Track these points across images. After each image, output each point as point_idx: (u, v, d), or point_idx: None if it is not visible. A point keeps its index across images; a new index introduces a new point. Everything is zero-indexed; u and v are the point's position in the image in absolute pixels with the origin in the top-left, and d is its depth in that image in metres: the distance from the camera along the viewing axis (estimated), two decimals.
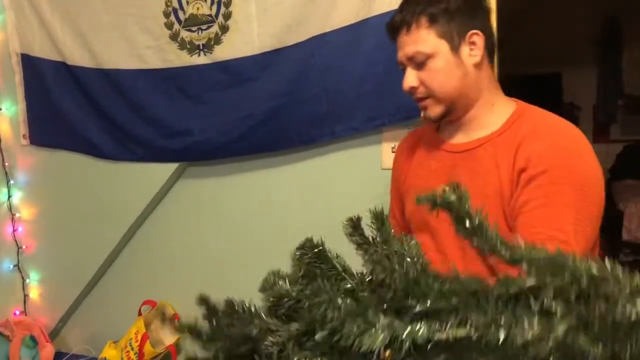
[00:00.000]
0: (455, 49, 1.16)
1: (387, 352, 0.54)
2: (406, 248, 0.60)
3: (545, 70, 5.03)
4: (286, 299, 0.63)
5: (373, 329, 0.52)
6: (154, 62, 2.05)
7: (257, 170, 2.08)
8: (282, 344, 0.60)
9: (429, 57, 1.16)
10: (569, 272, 0.53)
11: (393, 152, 1.81)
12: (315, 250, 0.69)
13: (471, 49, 1.17)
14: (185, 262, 2.24)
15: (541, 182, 1.08)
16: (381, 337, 0.51)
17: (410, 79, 1.19)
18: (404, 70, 1.22)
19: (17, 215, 2.43)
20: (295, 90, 1.85)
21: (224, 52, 1.94)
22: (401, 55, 1.20)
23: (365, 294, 0.60)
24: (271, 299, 0.64)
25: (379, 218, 0.67)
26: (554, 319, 0.47)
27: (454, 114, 1.22)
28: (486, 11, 1.23)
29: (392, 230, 0.64)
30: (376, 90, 1.77)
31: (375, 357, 0.51)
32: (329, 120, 1.86)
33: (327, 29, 1.78)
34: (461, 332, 0.49)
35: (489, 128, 1.20)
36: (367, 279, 0.61)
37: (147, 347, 2.06)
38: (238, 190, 2.12)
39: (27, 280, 2.47)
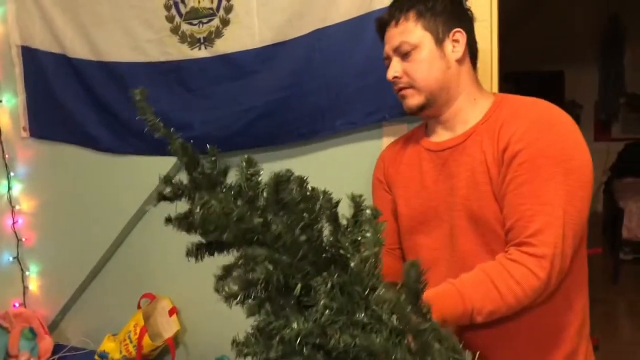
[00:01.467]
0: (439, 42, 1.22)
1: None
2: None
3: (548, 68, 5.03)
4: None
5: None
6: (155, 55, 2.05)
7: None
8: None
9: (414, 47, 1.22)
10: None
11: None
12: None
13: (454, 46, 1.23)
14: (184, 254, 2.23)
15: (523, 159, 1.10)
16: None
17: (395, 68, 1.25)
18: (388, 65, 1.28)
19: (17, 207, 2.43)
20: (296, 83, 1.85)
21: (225, 45, 1.94)
22: (388, 48, 1.27)
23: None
24: None
25: (356, 202, 0.74)
26: None
27: (433, 107, 1.25)
28: (470, 18, 1.29)
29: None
30: (377, 84, 1.76)
31: None
32: (329, 115, 1.86)
33: (328, 23, 1.78)
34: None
35: (472, 121, 1.23)
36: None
37: (146, 340, 2.06)
38: None
39: (27, 273, 2.48)
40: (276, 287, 0.72)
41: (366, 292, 0.69)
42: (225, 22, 1.93)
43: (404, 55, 1.23)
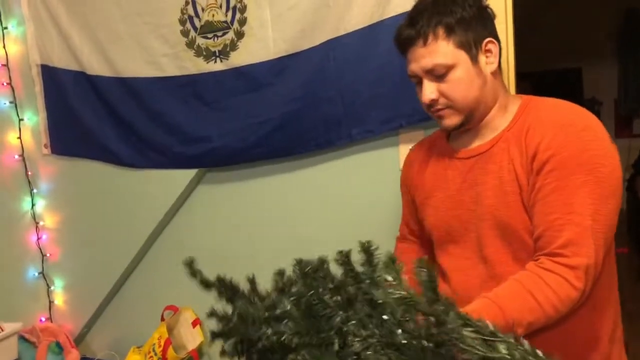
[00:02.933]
0: (474, 58, 1.15)
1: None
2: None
3: (566, 66, 4.97)
4: None
5: None
6: (171, 69, 2.07)
7: (275, 175, 2.08)
8: None
9: (449, 68, 1.14)
10: None
11: None
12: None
13: (487, 57, 1.17)
14: (206, 266, 2.25)
15: (552, 167, 1.07)
16: None
17: (430, 90, 1.17)
18: (417, 83, 1.20)
19: (41, 223, 2.47)
20: (311, 94, 1.86)
21: (240, 57, 1.95)
22: (416, 67, 1.17)
23: None
24: None
25: (367, 252, 0.77)
26: None
27: (471, 122, 1.21)
28: (493, 18, 1.23)
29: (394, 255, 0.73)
30: (392, 92, 1.76)
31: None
32: (345, 123, 1.86)
33: (342, 32, 1.78)
34: None
35: (500, 127, 1.20)
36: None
37: (170, 352, 2.08)
38: (256, 195, 2.13)
39: (52, 287, 2.51)
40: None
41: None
42: (239, 35, 1.94)
43: (439, 77, 1.16)
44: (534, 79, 4.39)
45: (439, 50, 1.13)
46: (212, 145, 2.04)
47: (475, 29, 1.15)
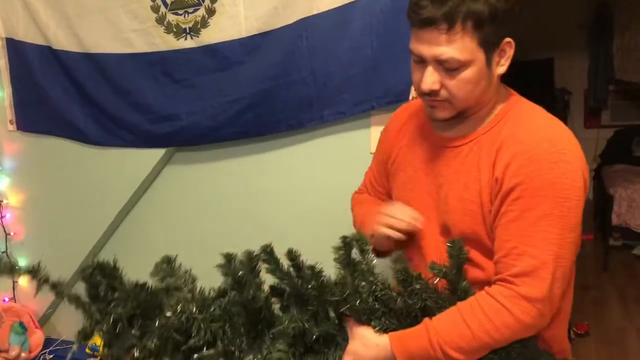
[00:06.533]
0: (489, 59, 1.06)
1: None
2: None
3: (538, 56, 5.01)
4: None
5: None
6: (140, 46, 2.03)
7: (245, 156, 2.07)
8: None
9: (463, 65, 1.03)
10: None
11: None
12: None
13: (501, 57, 1.08)
14: (174, 247, 2.22)
15: (518, 195, 1.03)
16: None
17: (431, 80, 1.06)
18: (417, 62, 1.08)
19: (5, 202, 2.42)
20: (283, 73, 1.84)
21: (211, 35, 1.92)
22: (427, 52, 1.04)
23: None
24: None
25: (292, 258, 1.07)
26: None
27: (461, 116, 1.13)
28: (517, 13, 1.08)
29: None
30: (364, 74, 1.76)
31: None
32: (317, 105, 1.85)
33: (315, 11, 1.77)
34: None
35: (478, 126, 1.13)
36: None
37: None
38: (226, 176, 2.11)
39: (16, 267, 2.46)
40: None
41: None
42: (210, 12, 1.91)
43: (448, 70, 1.04)
44: (509, 68, 4.42)
45: (461, 44, 1.01)
46: (182, 124, 2.02)
47: (501, 25, 1.03)
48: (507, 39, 1.06)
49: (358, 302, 1.03)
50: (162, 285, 1.13)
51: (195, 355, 1.03)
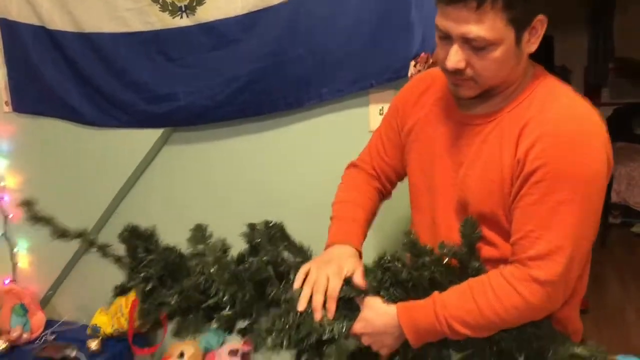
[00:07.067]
0: (519, 37, 1.01)
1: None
2: None
3: None
4: None
5: None
6: (135, 24, 2.00)
7: (243, 135, 2.05)
8: None
9: (491, 44, 0.99)
10: None
11: (381, 114, 1.79)
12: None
13: (531, 35, 1.03)
14: (173, 227, 2.22)
15: (539, 178, 1.00)
16: None
17: (458, 59, 1.02)
18: (443, 38, 1.04)
19: (2, 183, 2.41)
20: (281, 51, 1.82)
21: (207, 13, 1.90)
22: (454, 29, 1.00)
23: None
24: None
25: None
26: None
27: (486, 95, 1.09)
28: None
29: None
30: (362, 51, 1.74)
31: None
32: (315, 83, 1.84)
33: None
34: None
35: (503, 103, 1.10)
36: None
37: (137, 313, 2.06)
38: (224, 156, 2.10)
39: (16, 249, 2.46)
40: None
41: None
42: None
43: (475, 49, 1.00)
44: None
45: (490, 23, 0.97)
46: (179, 104, 2.00)
47: (533, 3, 1.00)
48: (540, 17, 1.02)
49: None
50: (191, 251, 1.22)
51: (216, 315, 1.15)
